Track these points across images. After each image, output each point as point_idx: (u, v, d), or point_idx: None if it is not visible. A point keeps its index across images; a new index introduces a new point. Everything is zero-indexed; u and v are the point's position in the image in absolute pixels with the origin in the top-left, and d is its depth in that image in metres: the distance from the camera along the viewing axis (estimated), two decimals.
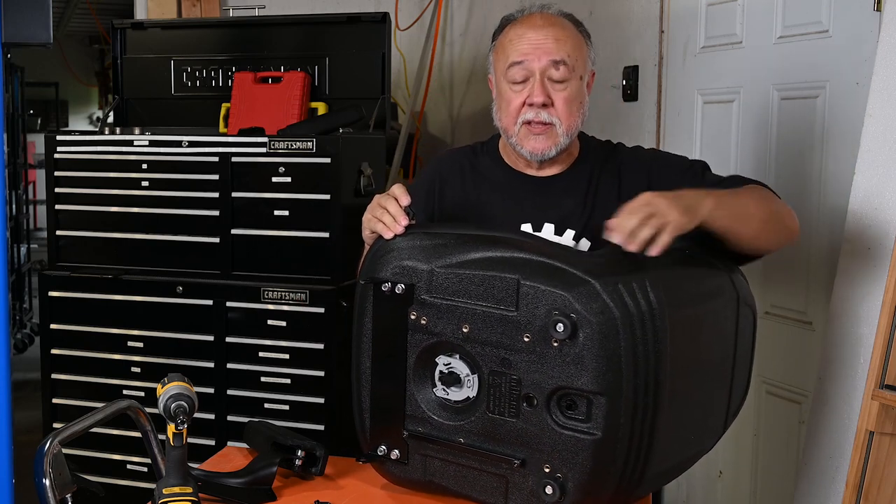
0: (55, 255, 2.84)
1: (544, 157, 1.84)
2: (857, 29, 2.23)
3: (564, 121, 1.82)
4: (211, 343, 2.67)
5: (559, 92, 1.81)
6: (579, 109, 1.84)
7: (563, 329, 1.44)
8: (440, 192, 1.94)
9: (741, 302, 1.72)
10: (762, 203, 1.73)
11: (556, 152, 1.84)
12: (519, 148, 1.85)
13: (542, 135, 1.82)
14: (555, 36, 1.81)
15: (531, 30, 1.83)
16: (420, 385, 1.62)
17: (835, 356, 2.11)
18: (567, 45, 1.81)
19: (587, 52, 1.86)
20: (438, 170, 1.99)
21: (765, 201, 1.75)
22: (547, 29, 1.82)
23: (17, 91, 6.40)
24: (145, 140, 2.74)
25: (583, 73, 1.84)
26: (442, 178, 1.96)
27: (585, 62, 1.85)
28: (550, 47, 1.80)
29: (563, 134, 1.82)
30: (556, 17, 1.86)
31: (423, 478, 1.65)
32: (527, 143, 1.84)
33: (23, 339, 6.11)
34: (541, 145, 1.83)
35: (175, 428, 1.48)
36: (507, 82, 1.84)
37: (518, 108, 1.83)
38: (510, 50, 1.83)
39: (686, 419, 1.60)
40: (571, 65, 1.81)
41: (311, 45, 3.06)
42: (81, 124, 12.70)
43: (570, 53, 1.81)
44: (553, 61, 1.80)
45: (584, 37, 1.87)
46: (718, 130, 2.77)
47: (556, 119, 1.81)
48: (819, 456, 2.14)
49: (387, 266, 1.62)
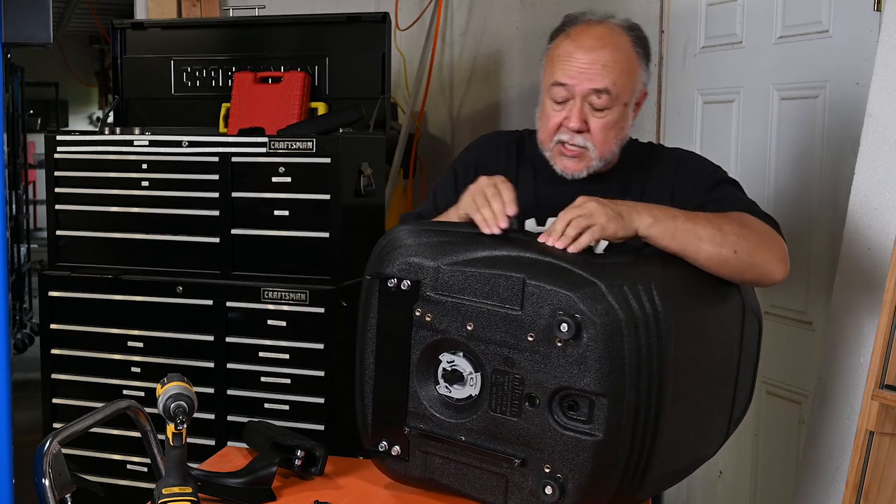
0: (55, 255, 2.84)
1: (574, 177, 1.82)
2: (857, 29, 2.23)
3: (598, 147, 1.79)
4: (211, 343, 2.67)
5: (598, 119, 1.78)
6: (617, 135, 1.81)
7: (567, 329, 1.44)
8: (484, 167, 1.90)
9: (747, 310, 1.72)
10: (727, 239, 1.64)
11: (587, 174, 1.82)
12: (552, 163, 1.84)
13: (575, 157, 1.81)
14: (604, 61, 1.76)
15: (580, 50, 1.77)
16: (423, 382, 1.62)
17: (835, 356, 2.11)
18: (614, 71, 1.76)
19: (639, 74, 1.81)
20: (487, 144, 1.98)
21: (735, 238, 1.64)
22: (597, 52, 1.76)
23: (17, 91, 6.40)
24: (145, 140, 2.74)
25: (628, 100, 1.79)
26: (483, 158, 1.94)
27: (633, 87, 1.80)
28: (595, 74, 1.76)
29: (597, 158, 1.80)
30: (612, 34, 1.79)
31: (424, 475, 1.65)
32: (559, 161, 1.83)
33: (23, 339, 6.11)
34: (572, 166, 1.82)
35: (175, 428, 1.48)
36: (549, 98, 1.81)
37: (555, 126, 1.80)
38: (557, 67, 1.80)
39: (688, 424, 1.60)
40: (615, 93, 1.76)
41: (311, 45, 3.05)
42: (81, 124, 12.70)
43: (616, 81, 1.76)
44: (595, 90, 1.76)
45: (639, 57, 1.81)
46: (718, 130, 2.77)
47: (590, 144, 1.79)
48: (819, 456, 2.14)
49: (393, 262, 1.62)
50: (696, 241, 1.62)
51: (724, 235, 1.64)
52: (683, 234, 1.62)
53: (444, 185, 1.98)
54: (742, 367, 1.73)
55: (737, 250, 1.64)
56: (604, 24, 1.81)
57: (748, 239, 1.66)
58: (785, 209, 2.46)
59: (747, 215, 1.72)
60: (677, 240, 1.62)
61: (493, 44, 3.91)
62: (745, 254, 1.65)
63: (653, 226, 1.61)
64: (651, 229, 1.60)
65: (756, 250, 1.67)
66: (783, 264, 1.71)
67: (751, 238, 1.67)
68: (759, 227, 1.71)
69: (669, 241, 1.62)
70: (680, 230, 1.62)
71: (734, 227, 1.66)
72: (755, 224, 1.71)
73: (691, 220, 1.64)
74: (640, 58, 1.81)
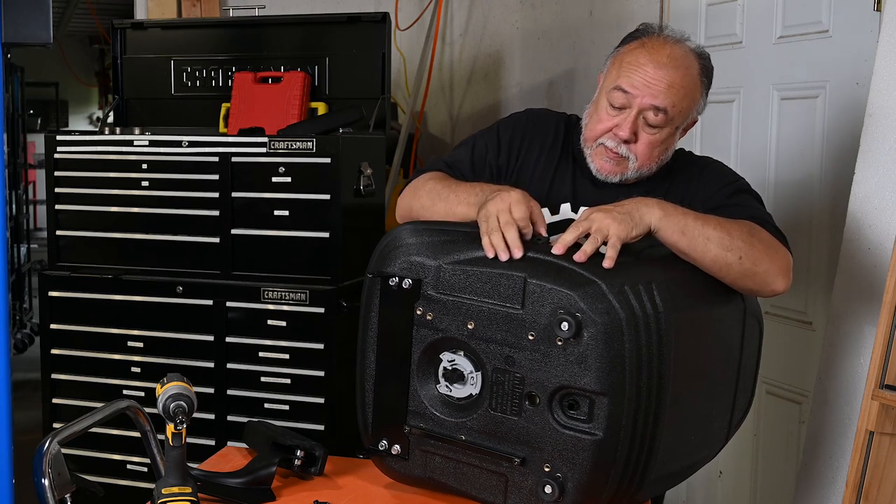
0: (55, 255, 2.84)
1: (608, 179, 1.83)
2: (857, 29, 2.23)
3: (640, 159, 1.80)
4: (211, 343, 2.67)
5: (647, 134, 1.78)
6: (661, 154, 1.81)
7: (568, 328, 1.44)
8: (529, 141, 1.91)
9: (748, 313, 1.72)
10: (735, 244, 1.64)
11: (620, 180, 1.82)
12: (589, 161, 1.84)
13: (614, 161, 1.81)
14: (670, 81, 1.76)
15: (651, 64, 1.76)
16: (423, 381, 1.62)
17: (835, 356, 2.10)
18: (678, 94, 1.76)
19: (698, 101, 1.81)
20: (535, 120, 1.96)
21: (741, 244, 1.65)
22: (667, 70, 1.76)
23: (17, 91, 6.40)
24: (145, 140, 2.74)
25: (680, 123, 1.80)
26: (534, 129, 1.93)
27: (689, 112, 1.80)
28: (659, 91, 1.75)
29: (634, 170, 1.81)
30: (686, 57, 1.79)
31: (424, 474, 1.65)
32: (597, 160, 1.83)
33: (23, 339, 6.11)
34: (608, 168, 1.82)
35: (174, 428, 1.48)
36: (606, 100, 1.80)
37: (604, 130, 1.80)
38: (623, 73, 1.79)
39: (688, 424, 1.60)
40: (672, 115, 1.76)
41: (311, 45, 3.05)
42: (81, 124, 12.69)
43: (676, 104, 1.76)
44: (654, 106, 1.76)
45: (702, 85, 1.81)
46: (718, 130, 2.77)
47: (632, 156, 1.79)
48: (819, 456, 2.14)
49: (395, 261, 1.62)
50: (704, 241, 1.62)
51: (732, 240, 1.64)
52: (693, 231, 1.62)
53: (484, 142, 1.94)
54: (743, 370, 1.73)
55: (742, 256, 1.64)
56: (680, 44, 1.80)
57: (755, 247, 1.66)
58: (785, 209, 2.46)
59: (757, 226, 1.72)
60: (686, 236, 1.62)
61: (493, 44, 3.91)
62: (749, 261, 1.65)
63: (664, 219, 1.61)
64: (662, 222, 1.61)
65: (760, 259, 1.67)
66: (785, 277, 1.71)
67: (757, 247, 1.67)
68: (766, 238, 1.71)
69: (679, 236, 1.62)
70: (689, 227, 1.62)
71: (743, 234, 1.66)
72: (764, 235, 1.71)
73: (701, 219, 1.65)
74: (703, 87, 1.82)
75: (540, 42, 3.75)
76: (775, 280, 1.69)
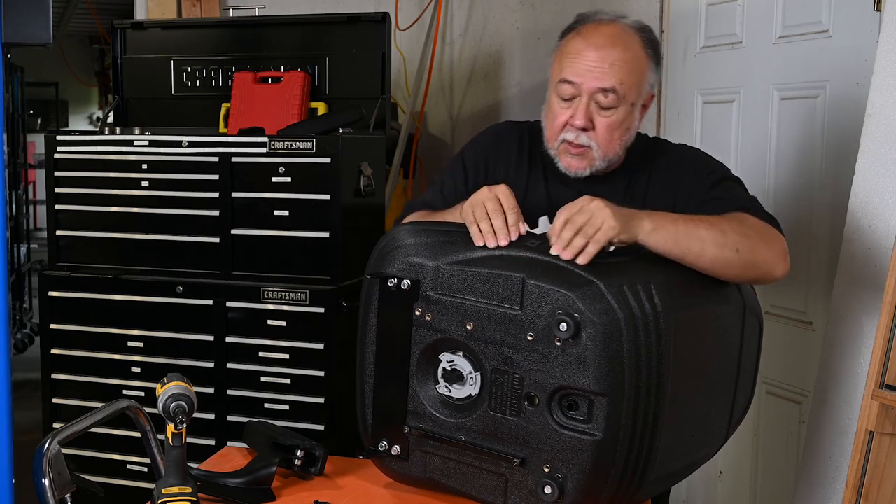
0: (55, 255, 2.84)
1: (578, 175, 1.82)
2: (857, 29, 2.23)
3: (603, 146, 1.79)
4: (211, 343, 2.67)
5: (603, 118, 1.77)
6: (622, 136, 1.80)
7: (567, 329, 1.44)
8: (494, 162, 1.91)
9: (748, 311, 1.72)
10: (729, 239, 1.63)
11: (591, 172, 1.82)
12: (557, 161, 1.84)
13: (579, 155, 1.80)
14: (612, 60, 1.75)
15: (589, 48, 1.76)
16: (423, 381, 1.62)
17: (835, 356, 2.11)
18: (622, 70, 1.75)
19: (647, 76, 1.80)
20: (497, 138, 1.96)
21: (736, 238, 1.64)
22: (606, 50, 1.75)
23: (17, 91, 6.40)
24: (145, 140, 2.74)
25: (634, 100, 1.78)
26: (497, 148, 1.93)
27: (640, 88, 1.79)
28: (603, 72, 1.74)
29: (600, 158, 1.80)
30: (623, 33, 1.78)
31: (424, 475, 1.65)
32: (563, 158, 1.82)
33: (23, 339, 6.11)
34: (575, 164, 1.81)
35: (174, 428, 1.48)
36: (556, 95, 1.80)
37: (561, 125, 1.80)
38: (565, 64, 1.78)
39: (688, 424, 1.60)
40: (622, 93, 1.75)
41: (311, 45, 3.05)
42: (81, 124, 12.69)
43: (624, 80, 1.75)
44: (602, 88, 1.75)
45: (648, 58, 1.80)
46: (718, 130, 2.77)
47: (594, 143, 1.79)
48: (819, 456, 2.14)
49: (393, 262, 1.62)
50: (700, 244, 1.61)
51: (726, 236, 1.63)
52: (686, 238, 1.61)
53: (452, 176, 1.96)
54: (742, 368, 1.73)
55: (739, 249, 1.64)
56: (615, 23, 1.80)
57: (749, 238, 1.66)
58: (785, 209, 2.46)
59: (746, 215, 1.72)
60: (680, 245, 1.60)
61: (493, 44, 3.91)
62: (748, 252, 1.65)
63: (652, 233, 1.59)
64: (651, 236, 1.59)
65: (757, 248, 1.66)
66: (784, 261, 1.71)
67: (752, 237, 1.67)
68: (758, 226, 1.71)
69: (671, 246, 1.60)
70: (682, 234, 1.61)
71: (734, 227, 1.66)
72: (754, 223, 1.71)
73: (692, 223, 1.63)
74: (650, 59, 1.80)
75: (540, 42, 3.75)
76: (775, 266, 1.69)
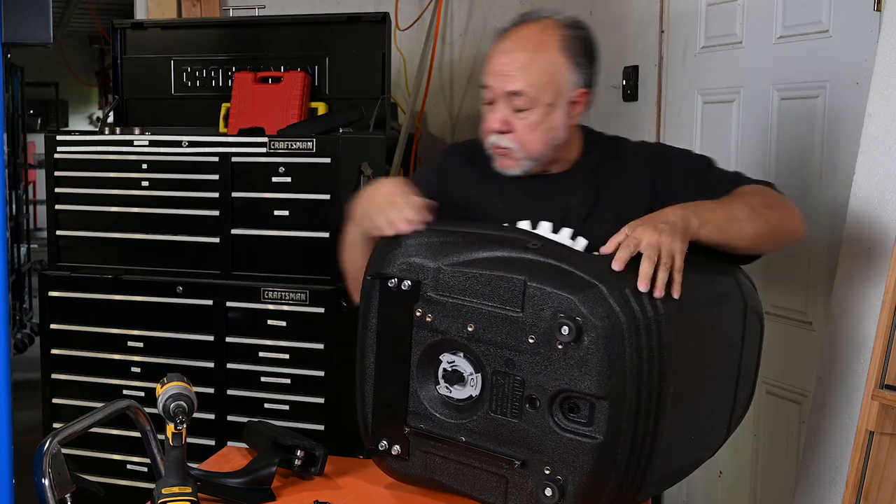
0: (55, 255, 2.84)
1: (511, 174, 1.83)
2: (857, 29, 2.23)
3: (524, 147, 1.79)
4: (211, 343, 2.67)
5: (520, 120, 1.77)
6: (545, 136, 1.78)
7: (568, 332, 1.44)
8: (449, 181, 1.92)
9: (749, 309, 1.71)
10: (758, 212, 1.68)
11: (523, 172, 1.82)
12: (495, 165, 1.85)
13: (505, 157, 1.82)
14: (520, 63, 1.74)
15: (499, 52, 1.78)
16: (423, 382, 1.62)
17: (835, 356, 2.10)
18: (532, 72, 1.74)
19: (564, 74, 1.76)
20: (448, 159, 1.97)
21: (762, 210, 1.69)
22: (515, 53, 1.75)
23: (17, 91, 6.40)
24: (145, 140, 2.74)
25: (551, 101, 1.76)
26: (452, 167, 1.94)
27: (556, 88, 1.76)
28: (510, 76, 1.75)
29: (525, 158, 1.80)
30: (539, 34, 1.77)
31: (424, 475, 1.65)
32: (497, 161, 1.84)
33: (23, 339, 6.10)
34: (505, 164, 1.83)
35: (174, 428, 1.48)
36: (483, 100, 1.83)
37: (487, 130, 1.81)
38: (484, 70, 1.80)
39: (689, 425, 1.60)
40: (532, 95, 1.74)
41: (311, 45, 3.06)
42: (81, 124, 12.69)
43: (534, 82, 1.74)
44: (511, 91, 1.75)
45: (567, 56, 1.76)
46: (718, 130, 2.77)
47: (514, 145, 1.79)
48: (819, 456, 2.14)
49: (394, 262, 1.62)
50: (739, 225, 1.65)
51: (755, 210, 1.67)
52: (727, 223, 1.64)
53: None
54: (743, 368, 1.73)
55: (768, 220, 1.69)
56: (536, 23, 1.80)
57: (771, 207, 1.71)
58: None
59: (754, 186, 1.77)
60: (723, 231, 1.64)
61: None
62: (776, 221, 1.70)
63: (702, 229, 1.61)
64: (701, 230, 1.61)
65: (781, 216, 1.72)
66: (803, 221, 1.78)
67: (773, 206, 1.72)
68: (769, 194, 1.77)
69: (719, 236, 1.63)
70: (723, 221, 1.64)
71: (755, 200, 1.71)
72: (766, 192, 1.76)
73: (723, 206, 1.66)
74: (569, 57, 1.77)
75: None
76: (798, 227, 1.77)
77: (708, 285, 1.64)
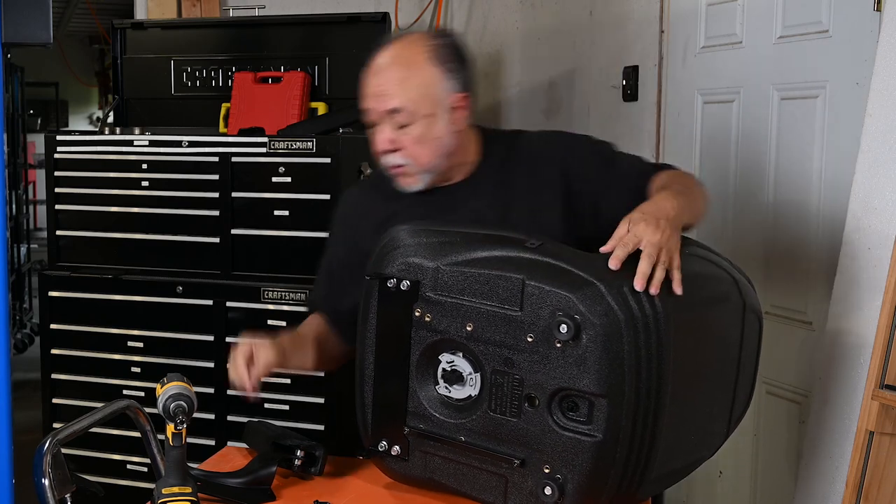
0: (55, 255, 2.84)
1: (415, 189, 1.82)
2: (857, 29, 2.23)
3: (416, 161, 1.78)
4: (211, 343, 2.67)
5: (405, 135, 1.77)
6: (433, 146, 1.78)
7: (567, 330, 1.44)
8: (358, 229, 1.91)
9: (747, 309, 1.71)
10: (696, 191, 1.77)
11: (425, 185, 1.82)
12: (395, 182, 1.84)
13: (402, 175, 1.81)
14: (395, 80, 1.75)
15: (370, 75, 1.78)
16: (422, 382, 1.62)
17: (835, 356, 2.10)
18: (407, 88, 1.75)
19: (438, 84, 1.76)
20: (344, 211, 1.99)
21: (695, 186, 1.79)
22: (383, 73, 1.77)
23: (17, 91, 6.40)
24: (145, 140, 2.74)
25: (430, 111, 1.76)
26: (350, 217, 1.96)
27: (433, 98, 1.76)
28: (384, 95, 1.75)
29: (421, 171, 1.80)
30: (404, 50, 1.79)
31: (424, 475, 1.65)
32: (396, 180, 1.83)
33: (23, 339, 6.11)
34: (405, 182, 1.82)
35: (174, 428, 1.48)
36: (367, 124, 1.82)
37: (377, 152, 1.81)
38: (361, 94, 1.80)
39: (688, 424, 1.60)
40: (411, 109, 1.74)
41: (311, 45, 3.06)
42: (81, 124, 12.69)
43: (411, 97, 1.74)
44: (390, 110, 1.75)
45: (437, 66, 1.77)
46: (718, 130, 2.77)
47: (406, 161, 1.79)
48: (819, 456, 2.14)
49: (393, 262, 1.62)
50: (696, 205, 1.72)
51: (693, 189, 1.76)
52: (691, 204, 1.69)
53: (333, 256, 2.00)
54: (742, 367, 1.73)
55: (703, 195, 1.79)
56: (400, 41, 1.82)
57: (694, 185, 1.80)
58: (785, 209, 2.46)
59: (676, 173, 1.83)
60: (690, 213, 1.68)
61: (493, 44, 3.91)
62: (703, 197, 1.79)
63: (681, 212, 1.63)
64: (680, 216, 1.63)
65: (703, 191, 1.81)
66: None
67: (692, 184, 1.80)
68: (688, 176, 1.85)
69: (689, 217, 1.67)
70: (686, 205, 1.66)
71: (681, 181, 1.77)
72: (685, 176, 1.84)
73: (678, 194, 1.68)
74: (440, 65, 1.77)
75: (540, 42, 3.75)
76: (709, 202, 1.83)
77: (706, 284, 1.64)
